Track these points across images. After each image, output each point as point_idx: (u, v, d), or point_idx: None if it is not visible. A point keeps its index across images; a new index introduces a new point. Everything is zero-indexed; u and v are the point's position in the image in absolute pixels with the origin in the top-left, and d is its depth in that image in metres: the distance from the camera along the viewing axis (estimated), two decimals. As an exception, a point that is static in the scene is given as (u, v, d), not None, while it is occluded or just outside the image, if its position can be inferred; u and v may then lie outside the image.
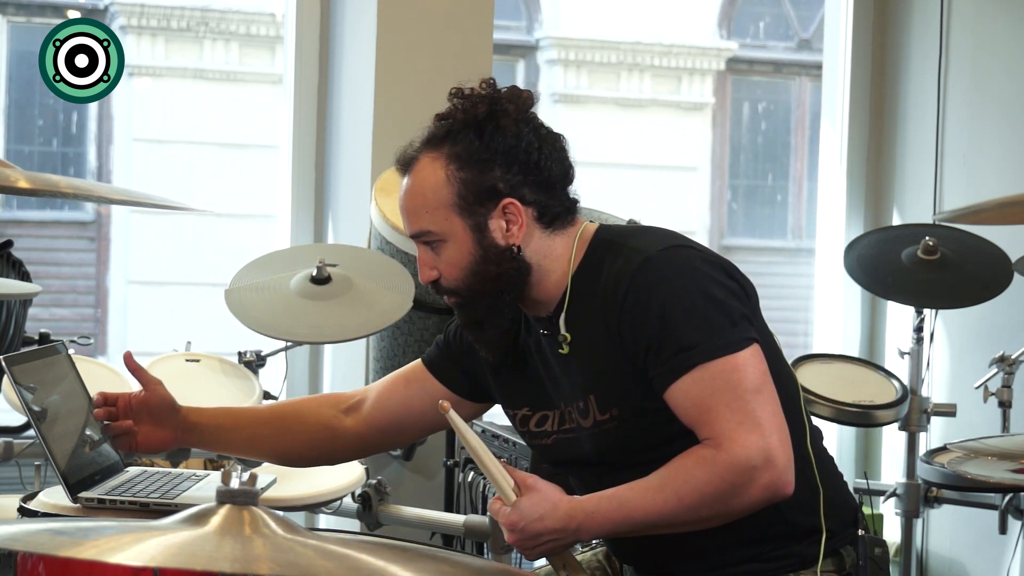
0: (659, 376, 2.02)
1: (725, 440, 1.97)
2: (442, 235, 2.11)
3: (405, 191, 2.15)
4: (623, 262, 2.07)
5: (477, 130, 2.11)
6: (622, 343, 2.05)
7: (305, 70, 3.96)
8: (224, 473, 1.46)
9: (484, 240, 2.10)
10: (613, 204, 3.92)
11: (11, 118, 4.83)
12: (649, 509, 1.99)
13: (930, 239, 3.57)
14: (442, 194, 2.10)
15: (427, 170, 2.12)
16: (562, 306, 2.13)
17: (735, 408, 1.97)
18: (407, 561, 1.44)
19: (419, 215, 2.12)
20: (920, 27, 4.39)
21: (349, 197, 3.86)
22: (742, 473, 1.96)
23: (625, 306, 2.03)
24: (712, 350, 1.99)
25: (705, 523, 2.02)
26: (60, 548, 1.31)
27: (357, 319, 3.08)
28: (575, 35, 5.80)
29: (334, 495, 2.79)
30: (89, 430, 2.40)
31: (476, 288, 2.12)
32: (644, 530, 2.03)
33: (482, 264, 2.10)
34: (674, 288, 2.03)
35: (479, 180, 2.09)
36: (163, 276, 5.04)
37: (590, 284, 2.10)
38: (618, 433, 2.08)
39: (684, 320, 2.01)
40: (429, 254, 2.15)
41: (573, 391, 2.13)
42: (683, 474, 1.99)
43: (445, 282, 2.14)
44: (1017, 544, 3.65)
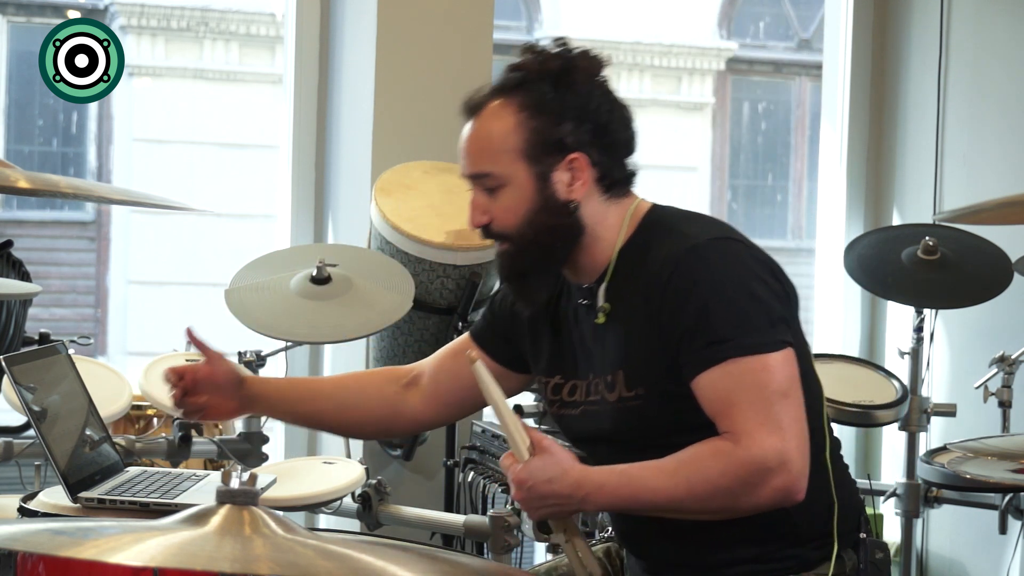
0: (689, 363, 2.02)
1: (744, 436, 1.97)
2: (504, 179, 2.11)
3: (471, 133, 2.15)
4: (671, 245, 2.07)
5: (552, 83, 2.11)
6: (660, 325, 2.05)
7: (305, 70, 3.96)
8: (224, 473, 1.46)
9: (546, 190, 2.11)
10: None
11: (11, 118, 4.84)
12: (657, 490, 2.00)
13: (930, 239, 3.57)
14: (511, 139, 2.11)
15: (497, 115, 2.13)
16: (604, 277, 2.14)
17: (759, 407, 1.98)
18: (407, 561, 1.44)
19: (483, 157, 2.13)
20: (920, 27, 4.39)
21: (349, 197, 3.86)
22: (756, 472, 1.96)
23: (668, 289, 2.04)
24: (745, 347, 2.00)
25: (710, 515, 2.02)
26: (60, 548, 1.31)
27: (357, 319, 3.08)
28: (575, 35, 5.80)
29: (334, 495, 2.79)
30: (89, 430, 2.40)
31: (528, 237, 2.12)
32: (649, 510, 2.03)
33: (539, 214, 2.11)
34: (717, 279, 2.04)
35: (549, 131, 2.10)
36: (163, 276, 5.04)
37: (636, 261, 2.11)
38: (640, 412, 2.08)
39: (722, 312, 2.02)
40: (483, 198, 2.15)
41: (603, 364, 2.13)
42: (697, 462, 1.99)
43: (497, 227, 2.14)
44: (1017, 544, 3.65)
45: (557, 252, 2.13)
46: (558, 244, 2.12)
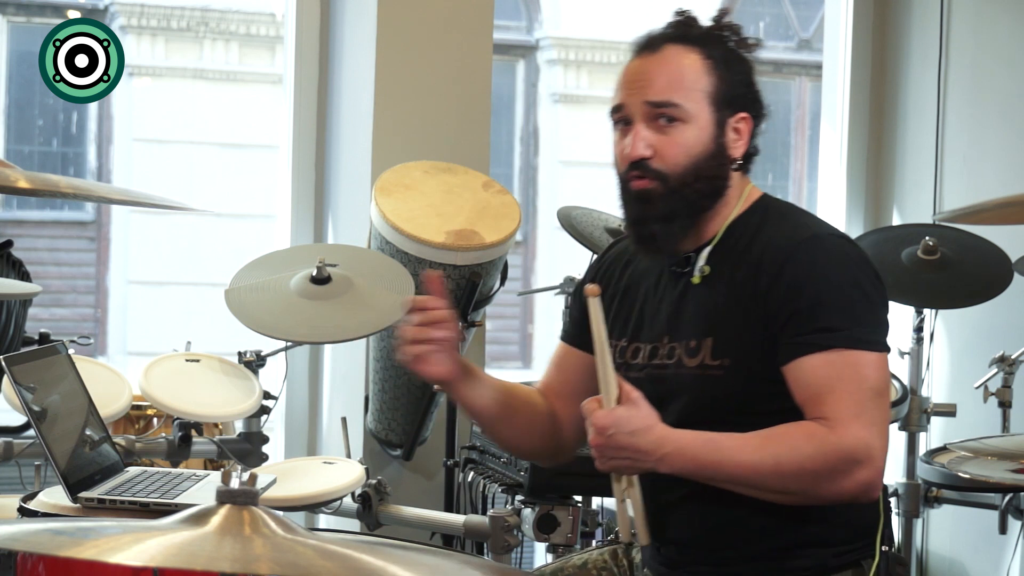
0: (790, 346, 2.04)
1: (839, 425, 1.99)
2: (687, 115, 2.11)
3: (657, 62, 2.13)
4: (791, 230, 2.10)
5: (735, 44, 2.16)
6: (765, 304, 2.06)
7: (305, 70, 3.96)
8: (224, 473, 1.46)
9: (720, 138, 2.13)
10: (613, 204, 3.92)
11: (11, 118, 4.84)
12: (742, 462, 2.00)
13: (930, 239, 3.57)
14: (702, 80, 2.12)
15: (684, 54, 2.14)
16: (708, 244, 2.14)
17: (857, 399, 2.01)
18: (407, 561, 1.44)
19: (672, 87, 2.11)
20: (920, 27, 4.39)
21: (349, 197, 3.86)
22: (844, 461, 1.98)
23: (783, 270, 2.06)
24: (852, 340, 2.03)
25: (786, 496, 2.03)
26: (60, 548, 1.31)
27: (357, 319, 3.08)
28: (575, 35, 5.80)
29: (334, 495, 2.79)
30: (89, 430, 2.40)
31: (688, 180, 2.11)
32: (724, 481, 2.03)
33: (708, 160, 2.12)
34: (834, 271, 2.06)
35: (731, 85, 2.14)
36: (163, 276, 5.04)
37: (744, 237, 2.13)
38: (721, 383, 2.08)
39: (835, 303, 2.04)
40: (651, 132, 2.12)
41: (688, 329, 2.13)
42: (789, 441, 2.00)
43: (658, 163, 2.12)
44: (1017, 544, 3.65)
45: (705, 203, 2.14)
46: (710, 195, 2.14)
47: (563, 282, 3.63)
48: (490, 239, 3.32)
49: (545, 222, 5.58)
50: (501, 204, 3.45)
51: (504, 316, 5.70)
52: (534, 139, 5.73)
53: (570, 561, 2.34)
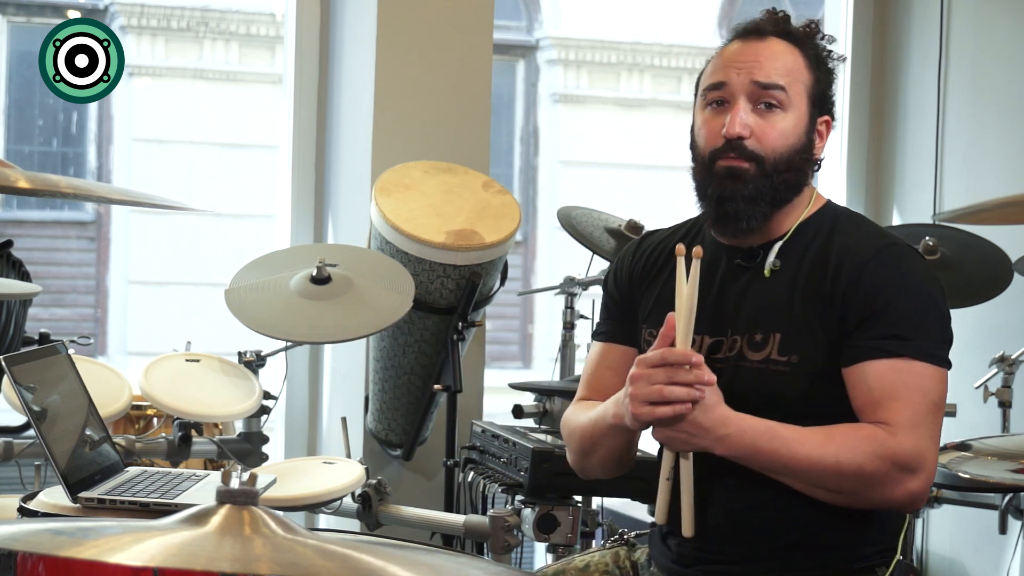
0: (858, 348, 2.05)
1: (901, 432, 2.01)
2: (788, 103, 2.14)
3: (766, 48, 2.16)
4: (870, 237, 2.13)
5: (825, 50, 2.21)
6: (842, 306, 2.07)
7: (305, 70, 3.96)
8: (224, 473, 1.46)
9: (811, 133, 2.17)
10: (613, 204, 3.92)
11: (11, 118, 4.83)
12: (800, 454, 2.01)
13: (930, 239, 3.57)
14: (804, 74, 2.16)
15: (788, 48, 2.17)
16: (778, 240, 2.16)
17: (918, 410, 2.03)
18: (407, 561, 1.44)
19: (780, 72, 2.14)
20: (920, 27, 4.39)
21: (349, 197, 3.86)
22: (901, 468, 2.00)
23: (863, 274, 2.07)
24: (922, 352, 2.05)
25: (838, 497, 2.03)
26: (60, 548, 1.31)
27: (357, 319, 3.08)
28: (575, 35, 5.80)
29: (334, 495, 2.79)
30: (89, 430, 2.40)
31: (780, 167, 2.13)
32: (778, 471, 2.03)
33: (799, 152, 2.15)
34: (912, 282, 2.09)
35: (824, 87, 2.19)
36: (163, 276, 5.04)
37: (815, 239, 2.15)
38: (784, 380, 2.08)
39: (910, 312, 2.06)
40: (752, 114, 2.14)
41: (753, 322, 2.13)
42: (851, 440, 2.01)
43: (755, 144, 2.13)
44: (1017, 544, 3.65)
45: (788, 194, 2.16)
46: (794, 186, 2.16)
47: (563, 282, 3.64)
48: (490, 239, 3.32)
49: (545, 222, 5.58)
50: (501, 204, 3.45)
51: (504, 316, 5.70)
52: (534, 139, 5.73)
53: (572, 563, 2.33)
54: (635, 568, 2.30)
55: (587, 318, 3.62)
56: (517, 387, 3.53)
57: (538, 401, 3.47)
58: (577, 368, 3.60)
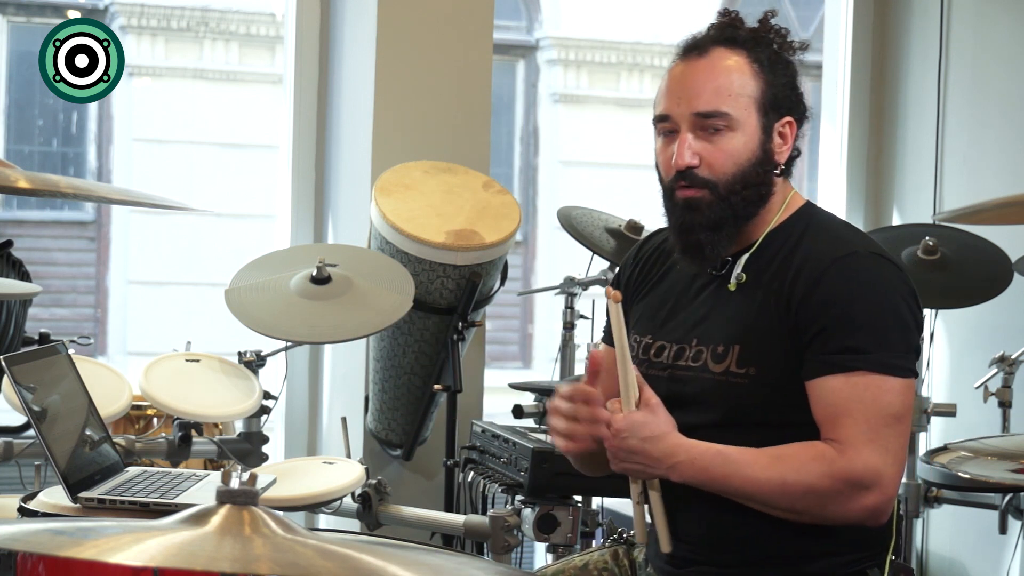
0: (815, 363, 2.03)
1: (850, 448, 1.99)
2: (735, 123, 2.09)
3: (705, 69, 2.11)
4: (829, 244, 2.09)
5: (779, 47, 2.15)
6: (796, 317, 2.05)
7: (305, 70, 3.96)
8: (224, 473, 1.46)
9: (766, 144, 2.12)
10: (613, 204, 3.92)
11: (11, 118, 4.84)
12: (750, 478, 2.01)
13: (930, 239, 3.57)
14: (750, 85, 2.10)
15: (733, 59, 2.12)
16: (747, 251, 2.13)
17: (872, 425, 2.00)
18: (407, 561, 1.44)
19: (720, 95, 2.09)
20: (920, 27, 4.39)
21: (349, 197, 3.86)
22: (852, 486, 1.98)
23: (818, 285, 2.04)
24: (878, 364, 2.01)
25: (793, 515, 2.03)
26: (60, 548, 1.31)
27: (357, 319, 3.08)
28: (575, 35, 5.80)
29: (334, 495, 2.79)
30: (89, 430, 2.40)
31: (736, 188, 2.10)
32: (732, 495, 2.03)
33: (755, 166, 2.10)
34: (869, 291, 2.04)
35: (778, 88, 2.12)
36: (163, 276, 5.04)
37: (783, 246, 2.11)
38: (742, 391, 2.07)
39: (866, 324, 2.02)
40: (698, 141, 2.10)
41: (716, 334, 2.12)
42: (797, 462, 2.00)
43: (705, 172, 2.10)
44: (1017, 544, 3.65)
45: (751, 210, 2.12)
46: (755, 201, 2.12)
47: (563, 282, 3.63)
48: (490, 239, 3.32)
49: (545, 222, 5.58)
50: (501, 204, 3.45)
51: (504, 316, 5.70)
52: (534, 139, 5.73)
53: (571, 562, 2.33)
54: (633, 567, 2.31)
55: (587, 318, 3.62)
56: (517, 387, 3.53)
57: (538, 401, 3.47)
58: (577, 368, 3.60)
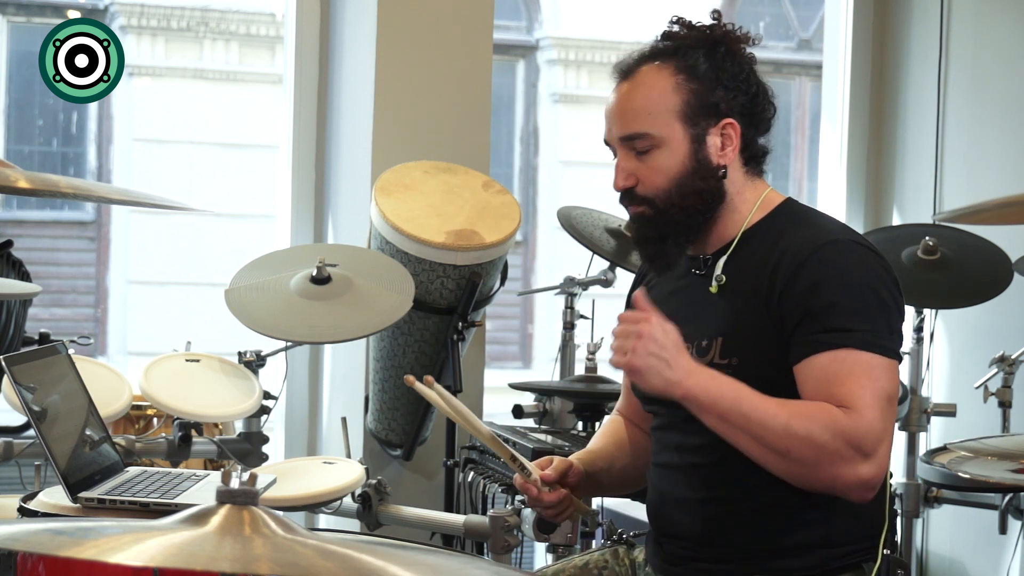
0: (802, 344, 2.04)
1: (855, 411, 1.99)
2: (659, 140, 2.14)
3: (626, 93, 2.17)
4: (809, 234, 2.11)
5: (708, 51, 2.16)
6: (780, 306, 2.07)
7: (305, 70, 3.96)
8: (224, 473, 1.46)
9: (699, 153, 2.15)
10: (613, 204, 3.92)
11: (11, 118, 4.84)
12: (757, 410, 1.99)
13: (930, 239, 3.57)
14: (670, 100, 2.14)
15: (654, 76, 2.16)
16: (725, 250, 2.17)
17: (870, 392, 2.00)
18: (407, 561, 1.44)
19: (640, 117, 2.15)
20: (920, 27, 4.39)
21: (349, 197, 3.86)
22: (852, 447, 1.97)
23: (799, 273, 2.06)
24: (865, 342, 2.03)
25: (784, 465, 2.01)
26: (60, 548, 1.31)
27: (357, 319, 3.08)
28: (575, 35, 5.80)
29: (334, 495, 2.79)
30: (89, 430, 2.40)
31: (675, 200, 2.14)
32: (734, 424, 2.01)
33: (690, 177, 2.14)
34: (851, 275, 2.07)
35: (706, 94, 2.14)
36: (163, 276, 5.04)
37: (762, 242, 2.14)
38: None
39: (849, 305, 2.04)
40: (631, 161, 2.16)
41: (700, 330, 2.14)
42: (806, 409, 2.00)
43: (643, 190, 2.16)
44: (1017, 544, 3.65)
45: (699, 217, 2.16)
46: (701, 208, 2.15)
47: (563, 282, 3.63)
48: (490, 239, 3.32)
49: (545, 222, 5.58)
50: (501, 204, 3.45)
51: (504, 316, 5.70)
52: (534, 139, 5.73)
53: (571, 562, 2.34)
54: (633, 567, 2.31)
55: (587, 318, 3.62)
56: (517, 387, 3.53)
57: (538, 401, 3.47)
58: (577, 368, 3.60)
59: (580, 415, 3.40)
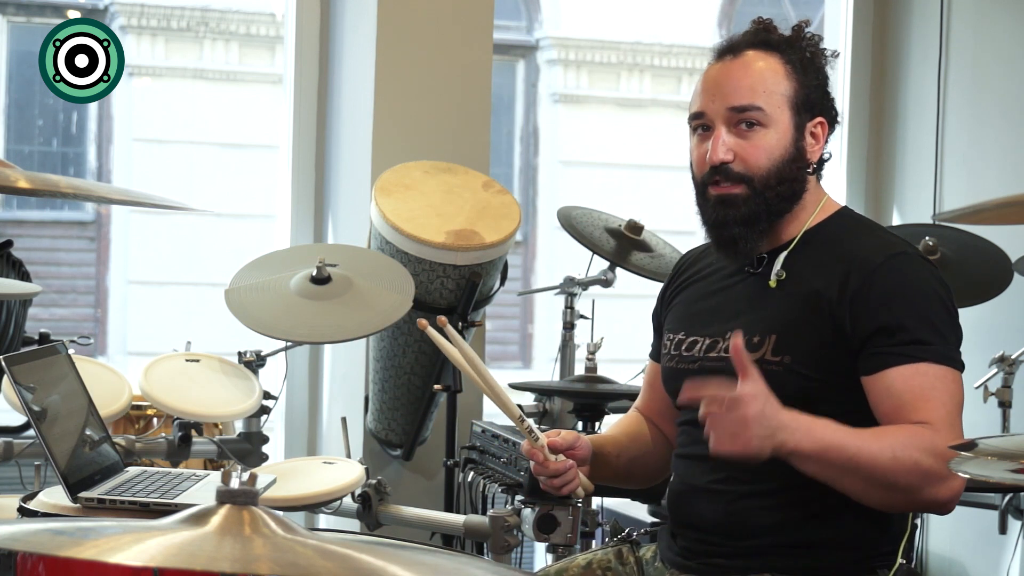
0: (880, 355, 2.05)
1: (942, 429, 2.01)
2: (769, 119, 2.16)
3: (739, 67, 2.18)
4: (881, 244, 2.14)
5: (811, 51, 2.20)
6: (848, 311, 2.08)
7: (305, 70, 3.96)
8: (224, 473, 1.45)
9: (799, 141, 2.18)
10: (613, 204, 3.92)
11: (11, 118, 4.83)
12: (863, 450, 1.98)
13: (930, 239, 3.57)
14: (783, 84, 2.17)
15: (765, 60, 2.18)
16: (783, 248, 2.18)
17: (949, 411, 2.03)
18: (407, 561, 1.44)
19: (755, 91, 2.16)
20: (920, 27, 4.39)
21: (349, 197, 3.86)
22: (947, 465, 1.96)
23: (872, 282, 2.08)
24: (942, 356, 2.06)
25: (894, 495, 2.01)
26: (60, 548, 1.31)
27: (357, 319, 3.08)
28: (575, 35, 5.80)
29: (334, 495, 2.79)
30: (89, 430, 2.40)
31: (771, 183, 2.16)
32: (840, 471, 1.99)
33: (788, 163, 2.16)
34: (925, 289, 2.09)
35: (810, 89, 2.18)
36: (163, 276, 5.04)
37: (822, 245, 2.16)
38: (775, 379, 2.06)
39: (928, 319, 2.07)
40: (732, 136, 2.17)
41: (752, 325, 2.14)
42: (901, 436, 2.00)
43: (740, 167, 2.16)
44: (1017, 544, 3.65)
45: (785, 206, 2.18)
46: (790, 197, 2.17)
47: (563, 282, 3.63)
48: (490, 239, 3.32)
49: (545, 222, 5.58)
50: (501, 204, 3.45)
51: (504, 316, 5.69)
52: (534, 139, 5.72)
53: (574, 561, 2.34)
54: (639, 564, 2.31)
55: (587, 318, 3.62)
56: (517, 387, 3.53)
57: (538, 401, 3.47)
58: (577, 368, 3.60)
59: (580, 415, 3.40)
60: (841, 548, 2.11)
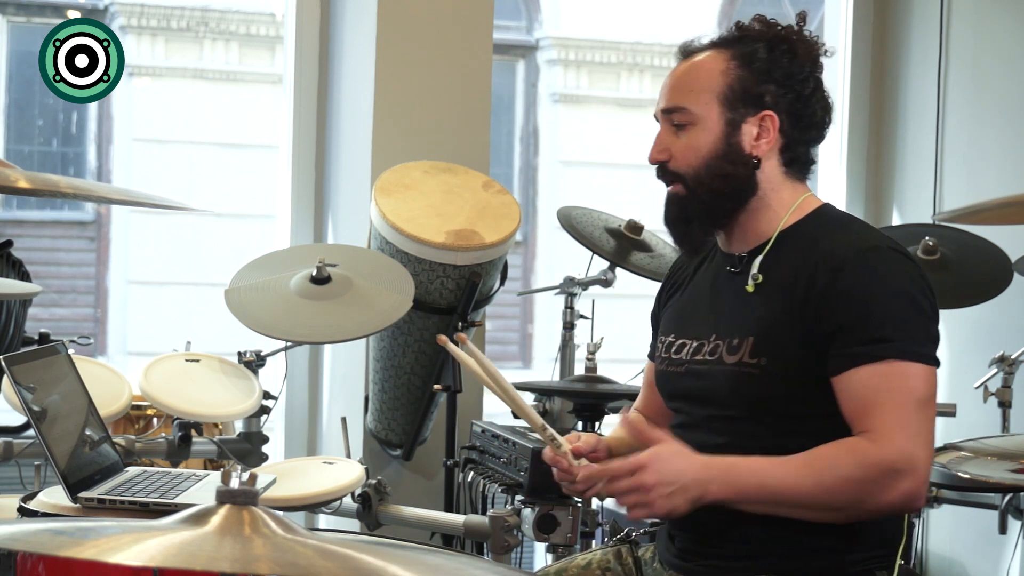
0: (842, 357, 2.05)
1: (881, 437, 2.01)
2: (694, 118, 2.18)
3: (678, 70, 2.23)
4: (848, 240, 2.13)
5: (769, 44, 2.19)
6: (816, 309, 2.08)
7: (305, 70, 3.96)
8: (224, 473, 1.46)
9: (731, 138, 2.18)
10: (613, 204, 3.92)
11: (11, 118, 4.83)
12: (784, 482, 2.01)
13: (930, 239, 3.57)
14: (714, 81, 2.18)
15: (709, 59, 2.21)
16: (761, 250, 2.19)
17: (902, 411, 2.02)
18: (407, 561, 1.44)
19: (682, 92, 2.20)
20: (920, 27, 4.39)
21: (349, 197, 3.86)
22: (887, 472, 1.99)
23: (837, 279, 2.08)
24: (903, 351, 2.04)
25: (831, 514, 2.04)
26: (60, 548, 1.31)
27: (357, 319, 3.08)
28: (575, 35, 5.80)
29: (334, 495, 2.79)
30: (89, 430, 2.40)
31: (703, 180, 2.18)
32: (771, 505, 2.03)
33: (719, 159, 2.17)
34: (890, 284, 2.08)
35: (752, 84, 2.18)
36: (163, 276, 5.04)
37: (798, 245, 2.16)
38: (755, 381, 2.10)
39: (888, 315, 2.06)
40: (669, 135, 2.21)
41: (733, 328, 2.16)
42: (830, 459, 2.02)
43: (674, 165, 2.20)
44: (1017, 544, 3.65)
45: (726, 202, 2.19)
46: (729, 193, 2.18)
47: (563, 282, 3.63)
48: (490, 239, 3.32)
49: (545, 222, 5.58)
50: (501, 204, 3.45)
51: (504, 316, 5.69)
52: (534, 139, 5.72)
53: (574, 561, 2.34)
54: (638, 565, 2.32)
55: (587, 318, 3.62)
56: (517, 387, 3.52)
57: (538, 401, 3.47)
58: (577, 368, 3.60)
59: (580, 415, 3.40)
60: (835, 551, 2.11)
